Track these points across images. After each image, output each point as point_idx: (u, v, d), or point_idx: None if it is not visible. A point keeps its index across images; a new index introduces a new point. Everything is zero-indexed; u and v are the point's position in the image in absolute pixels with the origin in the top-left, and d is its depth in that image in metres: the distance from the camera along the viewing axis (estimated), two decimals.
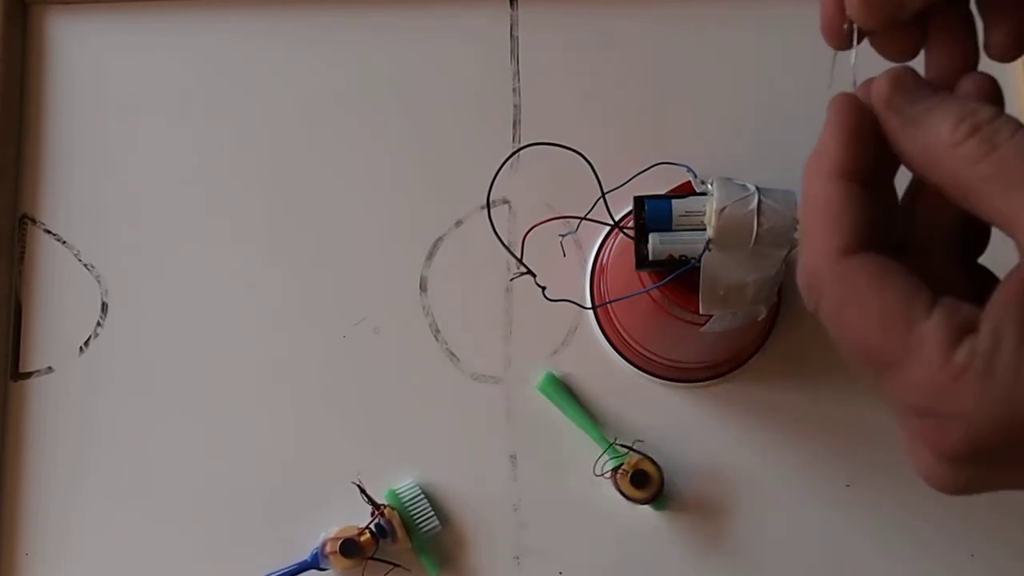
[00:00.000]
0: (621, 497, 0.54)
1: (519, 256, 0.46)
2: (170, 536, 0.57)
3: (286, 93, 0.60)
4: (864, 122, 0.34)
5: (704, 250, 0.44)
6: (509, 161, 0.57)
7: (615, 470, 0.54)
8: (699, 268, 0.44)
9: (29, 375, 0.58)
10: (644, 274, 0.46)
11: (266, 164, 0.60)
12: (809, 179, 0.35)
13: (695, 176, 0.45)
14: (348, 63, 0.60)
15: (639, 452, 0.54)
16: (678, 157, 0.46)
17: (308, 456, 0.57)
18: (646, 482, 0.54)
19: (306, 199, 0.59)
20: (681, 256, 0.44)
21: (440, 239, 0.59)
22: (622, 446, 0.55)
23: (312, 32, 0.61)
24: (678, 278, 0.45)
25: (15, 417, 0.58)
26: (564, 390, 0.56)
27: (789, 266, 0.44)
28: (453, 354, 0.58)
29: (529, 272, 0.46)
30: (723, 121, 0.59)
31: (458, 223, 0.59)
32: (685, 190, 0.45)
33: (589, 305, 0.56)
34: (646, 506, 0.55)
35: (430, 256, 0.59)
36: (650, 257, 0.45)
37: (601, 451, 0.55)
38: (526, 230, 0.47)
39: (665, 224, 0.44)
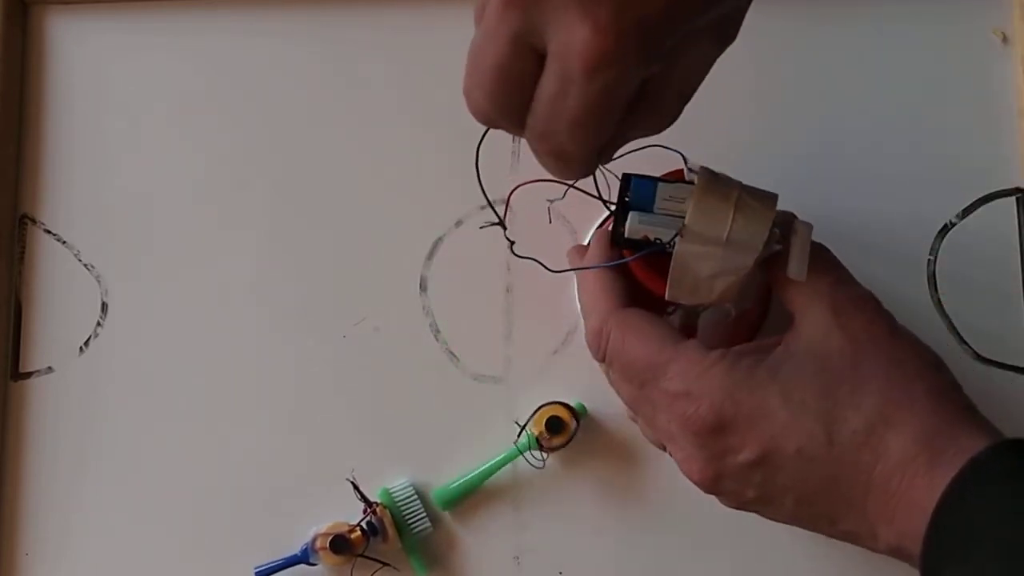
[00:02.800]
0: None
1: (502, 211, 0.46)
2: (170, 535, 0.57)
3: (286, 93, 0.60)
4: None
5: (676, 234, 0.44)
6: (509, 161, 0.57)
7: (540, 443, 0.55)
8: (671, 255, 0.44)
9: (29, 375, 0.58)
10: (624, 255, 0.47)
11: (266, 164, 0.60)
12: (581, 275, 0.48)
13: (686, 163, 0.45)
14: (348, 63, 0.60)
15: (536, 409, 0.55)
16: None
17: (308, 456, 0.57)
18: (561, 426, 0.54)
19: (306, 199, 0.59)
20: (656, 239, 0.44)
21: (440, 239, 0.59)
22: (519, 424, 0.55)
23: (312, 32, 0.61)
24: (653, 263, 0.45)
25: (15, 417, 0.58)
26: (449, 489, 0.56)
27: (761, 269, 0.44)
28: (453, 354, 0.58)
29: (501, 224, 0.46)
30: (729, 120, 0.59)
31: (458, 223, 0.59)
32: (678, 178, 0.45)
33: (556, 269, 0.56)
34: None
35: (430, 256, 0.59)
36: (626, 235, 0.45)
37: (519, 453, 0.55)
38: (512, 188, 0.47)
39: (648, 205, 0.45)
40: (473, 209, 0.58)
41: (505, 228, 0.46)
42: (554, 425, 0.54)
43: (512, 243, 0.47)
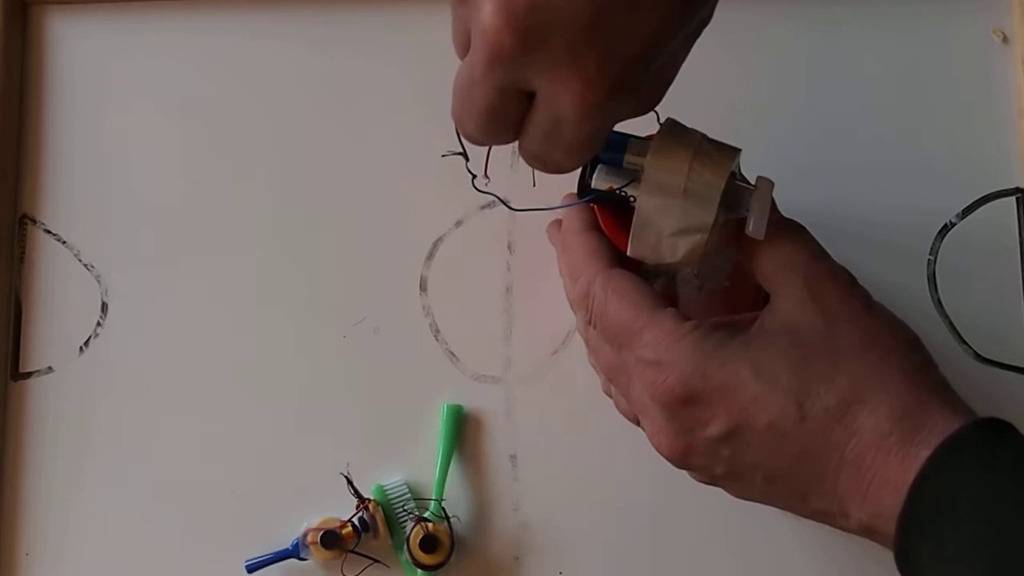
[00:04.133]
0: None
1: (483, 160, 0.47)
2: (169, 534, 0.57)
3: (286, 93, 0.60)
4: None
5: (631, 180, 0.44)
6: (509, 161, 0.57)
7: (418, 520, 0.54)
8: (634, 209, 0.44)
9: (29, 375, 0.58)
10: (599, 214, 0.47)
11: (266, 164, 0.60)
12: (565, 239, 0.48)
13: (659, 119, 0.45)
14: (349, 62, 0.60)
15: (448, 522, 0.54)
16: None
17: (307, 456, 0.57)
18: (435, 547, 0.54)
19: (306, 199, 0.59)
20: (619, 189, 0.45)
21: (440, 239, 0.59)
22: (443, 511, 0.55)
23: (312, 32, 0.61)
24: (622, 221, 0.45)
25: (15, 417, 0.58)
26: (456, 428, 0.56)
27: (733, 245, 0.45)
28: (453, 354, 0.58)
29: (463, 155, 0.46)
30: (728, 120, 0.59)
31: (458, 223, 0.59)
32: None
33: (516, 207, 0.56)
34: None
35: (430, 256, 0.59)
36: (592, 185, 0.45)
37: (431, 497, 0.55)
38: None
39: (617, 159, 0.45)
40: (473, 209, 0.58)
41: (467, 159, 0.46)
42: (428, 544, 0.54)
43: (474, 176, 0.47)
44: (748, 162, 0.47)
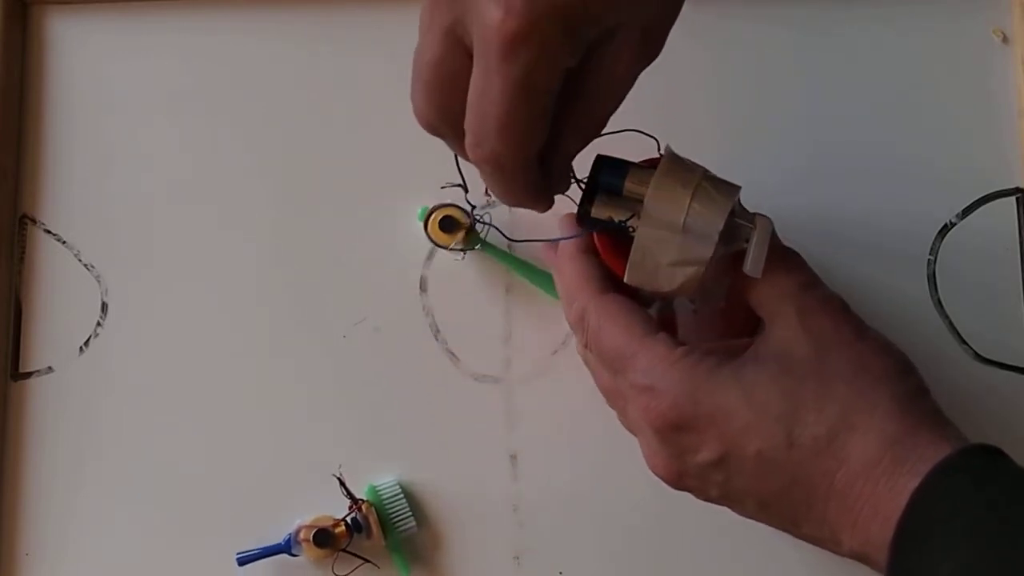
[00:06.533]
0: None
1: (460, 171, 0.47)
2: (169, 534, 0.57)
3: (286, 92, 0.60)
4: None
5: (632, 215, 0.44)
6: None
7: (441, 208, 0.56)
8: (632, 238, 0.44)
9: (29, 375, 0.58)
10: (597, 239, 0.47)
11: (266, 163, 0.60)
12: (560, 264, 0.48)
13: (659, 148, 0.45)
14: (349, 62, 0.60)
15: (467, 213, 0.55)
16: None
17: (308, 456, 0.57)
18: (454, 227, 0.55)
19: (307, 198, 0.59)
20: (620, 221, 0.45)
21: None
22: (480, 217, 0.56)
23: (312, 32, 0.61)
24: (620, 246, 0.46)
25: (15, 417, 0.58)
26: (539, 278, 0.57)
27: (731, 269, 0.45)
28: (453, 354, 0.58)
29: (463, 186, 0.47)
30: (728, 121, 0.59)
31: None
32: (654, 165, 0.45)
33: (515, 238, 0.56)
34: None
35: (430, 256, 0.59)
36: (591, 214, 0.45)
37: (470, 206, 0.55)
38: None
39: (617, 187, 0.45)
40: None
41: (467, 191, 0.47)
42: (447, 225, 0.56)
43: (473, 207, 0.48)
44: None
